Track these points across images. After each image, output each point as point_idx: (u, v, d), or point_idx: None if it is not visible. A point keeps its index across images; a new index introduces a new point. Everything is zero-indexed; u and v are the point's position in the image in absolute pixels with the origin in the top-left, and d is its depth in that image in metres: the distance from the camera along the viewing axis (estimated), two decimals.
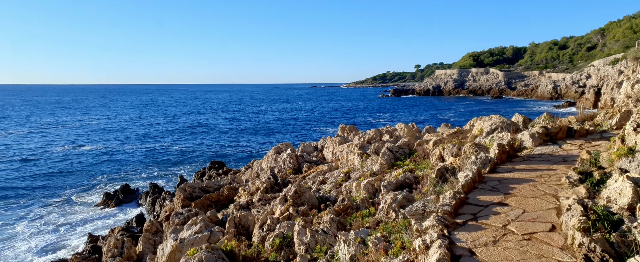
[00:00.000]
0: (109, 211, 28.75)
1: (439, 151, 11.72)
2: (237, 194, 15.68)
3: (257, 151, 48.58)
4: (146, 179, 37.70)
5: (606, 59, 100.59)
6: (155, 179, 38.13)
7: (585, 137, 10.01)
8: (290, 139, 55.76)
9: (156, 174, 39.40)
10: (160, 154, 48.27)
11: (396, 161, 13.43)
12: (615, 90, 56.91)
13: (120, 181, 36.61)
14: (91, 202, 30.71)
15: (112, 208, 29.13)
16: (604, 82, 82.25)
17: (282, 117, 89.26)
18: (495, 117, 13.70)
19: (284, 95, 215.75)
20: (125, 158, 46.15)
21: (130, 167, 42.38)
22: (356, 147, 14.97)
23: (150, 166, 42.55)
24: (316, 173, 15.15)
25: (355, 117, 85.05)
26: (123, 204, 30.35)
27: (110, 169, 41.69)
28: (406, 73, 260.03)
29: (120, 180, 37.11)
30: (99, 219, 27.90)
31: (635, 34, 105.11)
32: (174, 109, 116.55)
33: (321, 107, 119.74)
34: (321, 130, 65.89)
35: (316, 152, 19.83)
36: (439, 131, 15.87)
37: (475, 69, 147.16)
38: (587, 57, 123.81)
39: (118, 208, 29.17)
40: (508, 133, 11.43)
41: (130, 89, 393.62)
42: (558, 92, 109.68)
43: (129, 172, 40.69)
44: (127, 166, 42.71)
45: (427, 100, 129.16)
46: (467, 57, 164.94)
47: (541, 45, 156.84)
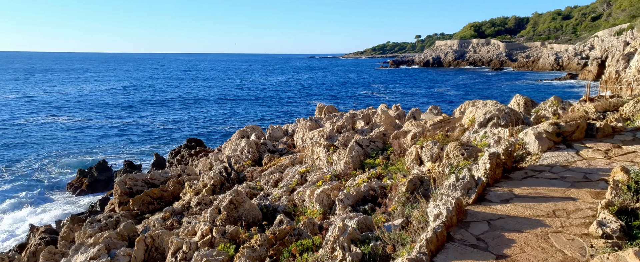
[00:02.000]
0: (80, 191, 26.70)
1: (417, 150, 9.09)
2: (183, 191, 13.16)
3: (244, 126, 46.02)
4: (123, 156, 35.35)
5: (611, 29, 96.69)
6: (132, 156, 35.73)
7: (611, 138, 7.39)
8: (279, 115, 53.04)
9: (136, 151, 36.96)
10: (143, 127, 45.57)
11: (366, 158, 10.82)
12: (620, 62, 53.74)
13: (96, 156, 34.29)
14: (62, 181, 28.59)
15: (83, 188, 27.17)
16: (609, 53, 78.79)
17: (275, 89, 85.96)
18: (491, 103, 11.00)
19: (280, 66, 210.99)
20: (104, 132, 43.53)
21: (109, 142, 39.82)
22: (323, 137, 12.38)
23: (131, 141, 39.95)
24: (275, 167, 12.59)
25: (351, 90, 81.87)
26: (97, 182, 28.42)
27: (87, 143, 39.18)
28: (406, 44, 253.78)
29: (96, 155, 34.82)
30: (64, 202, 25.77)
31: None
32: (163, 79, 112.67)
33: (317, 78, 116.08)
34: (314, 104, 63.12)
35: (286, 137, 17.21)
36: (423, 119, 13.18)
37: (476, 40, 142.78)
38: (591, 28, 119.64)
39: (90, 188, 27.16)
40: (505, 129, 8.76)
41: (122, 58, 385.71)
42: (560, 64, 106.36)
43: (106, 147, 38.19)
44: (106, 140, 40.14)
45: (426, 72, 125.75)
46: (468, 28, 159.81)
47: (544, 16, 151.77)
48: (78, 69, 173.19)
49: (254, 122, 47.61)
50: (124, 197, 13.32)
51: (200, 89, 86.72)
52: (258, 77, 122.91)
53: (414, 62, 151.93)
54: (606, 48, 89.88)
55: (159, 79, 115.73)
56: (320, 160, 12.20)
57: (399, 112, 17.10)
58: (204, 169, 14.87)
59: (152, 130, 44.75)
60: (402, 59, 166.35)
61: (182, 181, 14.10)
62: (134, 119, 51.00)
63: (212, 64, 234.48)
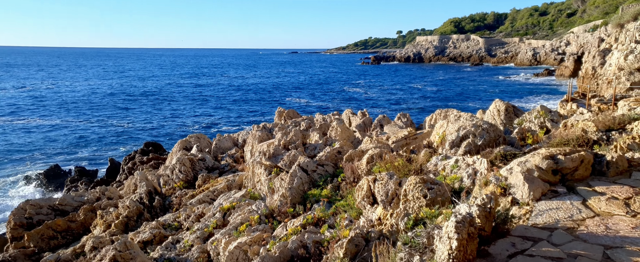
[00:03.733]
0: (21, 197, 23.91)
1: (369, 184, 6.84)
2: (94, 223, 10.62)
3: (217, 125, 43.13)
4: (80, 160, 32.29)
5: (586, 25, 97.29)
6: (90, 160, 32.68)
7: (628, 178, 5.32)
8: (254, 114, 50.34)
9: (94, 154, 33.82)
10: (107, 127, 42.19)
11: (312, 186, 8.54)
12: (596, 58, 53.09)
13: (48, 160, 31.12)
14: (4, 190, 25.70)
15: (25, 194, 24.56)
16: (584, 49, 78.72)
17: (253, 85, 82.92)
18: (466, 116, 8.85)
19: (261, 61, 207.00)
20: (62, 132, 40.02)
21: (66, 144, 36.49)
22: (265, 155, 10.06)
23: (91, 142, 36.70)
24: (205, 194, 10.20)
25: (331, 86, 79.64)
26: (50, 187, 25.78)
27: (39, 146, 35.78)
28: (388, 39, 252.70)
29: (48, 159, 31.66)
30: None
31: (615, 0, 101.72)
32: (135, 75, 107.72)
33: (298, 74, 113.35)
34: (294, 101, 60.54)
35: (235, 148, 14.78)
36: (386, 132, 10.97)
37: (456, 36, 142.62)
38: (567, 24, 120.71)
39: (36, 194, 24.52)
40: (484, 159, 6.59)
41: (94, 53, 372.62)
42: (537, 60, 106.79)
43: (61, 150, 34.91)
44: (62, 142, 36.77)
45: (407, 67, 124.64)
46: (448, 23, 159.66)
47: (522, 12, 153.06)
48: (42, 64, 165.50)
49: (226, 122, 44.84)
50: (18, 231, 10.71)
51: (174, 86, 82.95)
52: (237, 73, 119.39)
53: (395, 58, 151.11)
54: (582, 44, 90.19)
55: (131, 75, 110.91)
56: (261, 184, 9.87)
57: (364, 119, 14.89)
58: (128, 191, 12.34)
59: (118, 130, 41.47)
60: (384, 54, 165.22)
61: (99, 206, 11.55)
62: (99, 118, 47.54)
63: (190, 60, 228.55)
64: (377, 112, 48.86)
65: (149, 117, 48.57)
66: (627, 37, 46.19)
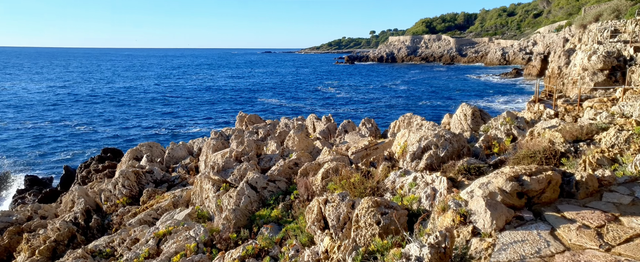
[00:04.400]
0: None
1: (319, 206, 6.07)
2: (18, 248, 9.42)
3: (185, 128, 41.45)
4: (33, 167, 30.15)
5: (551, 26, 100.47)
6: (46, 167, 30.60)
7: (599, 200, 4.75)
8: (222, 116, 48.85)
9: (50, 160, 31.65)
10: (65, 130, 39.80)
11: (262, 206, 7.69)
12: (562, 58, 54.54)
13: None
14: None
15: None
16: (550, 49, 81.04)
17: (225, 85, 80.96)
18: (428, 126, 8.22)
19: (233, 61, 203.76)
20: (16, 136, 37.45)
21: (19, 149, 34.09)
22: (213, 169, 9.14)
23: (48, 147, 34.44)
24: (146, 213, 9.18)
25: (305, 85, 78.77)
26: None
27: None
28: (361, 39, 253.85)
29: None
30: None
31: (578, 1, 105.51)
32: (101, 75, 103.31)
33: (271, 74, 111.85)
34: (266, 101, 59.29)
35: (190, 158, 13.72)
36: (347, 142, 10.24)
37: (428, 36, 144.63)
38: (534, 24, 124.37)
39: None
40: (443, 178, 5.92)
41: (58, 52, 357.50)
42: (506, 59, 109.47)
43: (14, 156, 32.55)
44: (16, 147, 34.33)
45: (381, 67, 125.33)
46: (420, 24, 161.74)
47: (491, 12, 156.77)
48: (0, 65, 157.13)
49: (194, 124, 43.22)
50: None
51: (141, 87, 79.97)
52: (208, 73, 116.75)
53: (369, 58, 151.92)
54: (548, 44, 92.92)
55: (96, 76, 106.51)
56: (209, 201, 8.94)
57: (329, 125, 14.14)
58: (65, 208, 11.12)
59: (78, 134, 39.21)
60: (357, 54, 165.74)
61: (28, 228, 10.30)
62: (57, 120, 44.96)
63: (160, 60, 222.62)
64: (351, 111, 48.34)
65: (112, 120, 46.35)
66: (590, 38, 47.44)
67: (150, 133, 39.70)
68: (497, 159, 7.55)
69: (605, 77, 26.60)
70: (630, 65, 25.20)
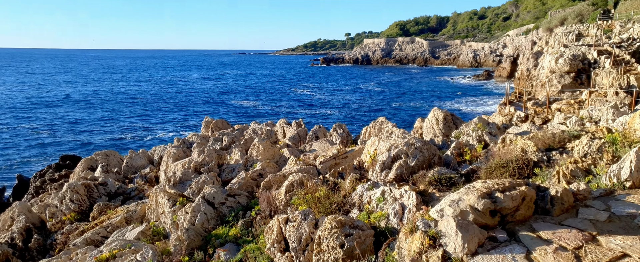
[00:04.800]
0: None
1: (279, 226, 5.54)
2: None
3: (153, 132, 39.95)
4: None
5: (520, 29, 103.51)
6: None
7: (574, 216, 4.45)
8: (194, 120, 47.50)
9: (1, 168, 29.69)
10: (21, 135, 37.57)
11: (220, 223, 7.09)
12: (530, 61, 56.04)
13: None
14: None
15: None
16: (519, 52, 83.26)
17: (195, 88, 79.04)
18: (398, 133, 7.83)
19: (206, 62, 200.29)
20: None
21: None
22: (169, 182, 8.43)
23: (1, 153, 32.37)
24: (94, 232, 8.40)
25: (280, 87, 77.91)
26: None
27: None
28: (337, 41, 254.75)
29: None
30: None
31: (544, 5, 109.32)
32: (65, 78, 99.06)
33: (245, 75, 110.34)
34: (238, 104, 58.15)
35: (150, 167, 12.90)
36: (315, 150, 9.75)
37: (402, 38, 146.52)
38: (503, 27, 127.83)
39: None
40: (412, 193, 5.50)
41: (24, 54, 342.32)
42: (478, 61, 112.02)
43: None
44: None
45: (356, 69, 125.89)
46: (394, 26, 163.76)
47: (462, 15, 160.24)
48: None
49: (162, 129, 41.78)
50: None
51: (108, 89, 77.10)
52: (179, 75, 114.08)
53: (345, 60, 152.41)
54: (517, 47, 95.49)
55: (59, 78, 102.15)
56: (165, 217, 8.25)
57: (299, 130, 13.62)
58: (3, 226, 10.14)
59: (35, 139, 37.09)
60: (333, 56, 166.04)
61: None
62: (17, 125, 42.49)
63: (128, 61, 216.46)
64: (326, 113, 47.94)
65: (76, 124, 44.24)
66: (556, 41, 48.86)
67: (116, 138, 38.07)
68: (468, 168, 7.23)
69: (571, 79, 27.22)
70: (594, 68, 25.86)
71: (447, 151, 9.24)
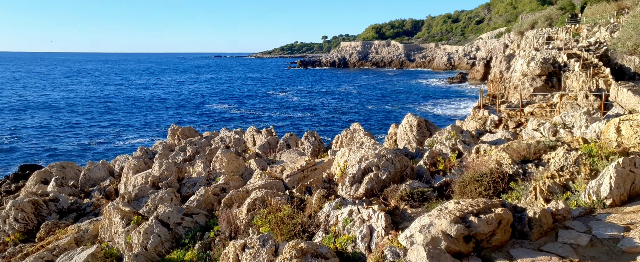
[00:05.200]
0: None
1: (236, 253, 4.99)
2: None
3: (123, 139, 38.39)
4: None
5: (492, 32, 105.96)
6: None
7: (554, 240, 4.09)
8: (159, 129, 46.07)
9: None
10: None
11: (176, 245, 6.46)
12: (502, 63, 57.19)
13: None
14: None
15: None
16: (492, 54, 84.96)
17: (170, 92, 77.01)
18: (369, 144, 7.41)
19: (181, 66, 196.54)
20: None
21: None
22: (123, 199, 7.75)
23: None
24: (44, 251, 7.61)
25: (255, 90, 76.84)
26: None
27: None
28: (314, 44, 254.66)
29: None
30: None
31: (515, 9, 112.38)
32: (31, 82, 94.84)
33: (220, 79, 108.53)
34: (213, 108, 56.87)
35: (110, 179, 12.04)
36: (283, 161, 9.22)
37: (378, 41, 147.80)
38: (477, 30, 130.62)
39: None
40: (381, 214, 5.06)
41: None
42: (452, 64, 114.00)
43: None
44: None
45: (333, 72, 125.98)
46: (370, 29, 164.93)
47: (436, 19, 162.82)
48: None
49: (134, 135, 40.26)
50: None
51: (77, 94, 74.15)
52: (153, 79, 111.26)
53: (322, 63, 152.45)
54: (490, 49, 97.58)
55: (26, 82, 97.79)
56: (119, 237, 7.53)
57: (270, 138, 13.05)
58: None
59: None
60: (310, 59, 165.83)
61: None
62: None
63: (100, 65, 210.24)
64: (303, 117, 47.36)
65: (42, 130, 42.14)
66: (527, 44, 49.94)
67: (83, 144, 36.42)
68: (442, 181, 6.86)
69: (543, 82, 27.65)
70: (565, 71, 26.33)
71: (420, 160, 8.89)
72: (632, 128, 6.30)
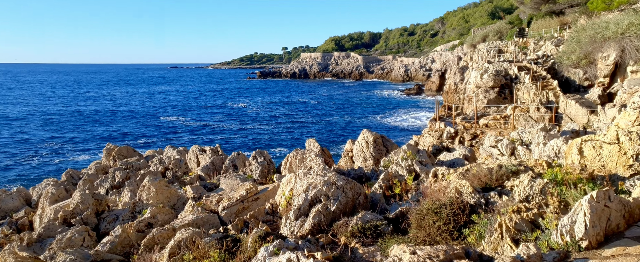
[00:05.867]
0: None
1: None
2: None
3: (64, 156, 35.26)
4: None
5: (446, 45, 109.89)
6: None
7: None
8: (115, 138, 43.12)
9: None
10: None
11: None
12: (457, 75, 58.91)
13: None
14: None
15: None
16: (447, 66, 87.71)
17: (122, 105, 72.80)
18: (318, 170, 6.56)
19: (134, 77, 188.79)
20: None
21: None
22: (21, 242, 6.40)
23: None
24: None
25: (212, 102, 74.37)
26: None
27: None
28: (274, 55, 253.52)
29: None
30: None
31: (467, 23, 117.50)
32: None
33: (176, 90, 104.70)
34: (167, 122, 54.10)
35: (25, 210, 10.40)
36: (222, 189, 8.16)
37: (337, 53, 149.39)
38: (432, 43, 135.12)
39: None
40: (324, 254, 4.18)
41: None
42: (409, 75, 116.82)
43: None
44: None
45: (293, 83, 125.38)
46: (329, 41, 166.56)
47: (393, 32, 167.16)
48: None
49: (80, 151, 37.19)
50: None
51: (18, 107, 68.43)
52: (105, 91, 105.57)
53: (282, 74, 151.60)
54: (444, 62, 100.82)
55: None
56: None
57: (214, 158, 11.91)
58: None
59: None
60: (270, 70, 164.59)
61: None
62: None
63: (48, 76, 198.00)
64: (259, 130, 45.95)
65: None
66: (480, 57, 51.65)
67: (21, 162, 33.13)
68: (398, 212, 6.11)
69: (496, 94, 28.23)
70: (516, 83, 27.00)
71: (375, 182, 8.16)
72: (595, 149, 5.86)
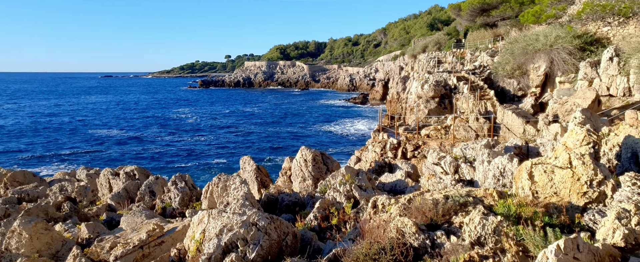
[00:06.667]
0: None
1: None
2: None
3: None
4: None
5: (389, 55, 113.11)
6: None
7: None
8: (28, 161, 38.49)
9: None
10: None
11: None
12: (399, 85, 60.23)
13: None
14: None
15: None
16: (390, 76, 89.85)
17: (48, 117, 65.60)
18: (236, 207, 5.39)
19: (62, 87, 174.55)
20: None
21: None
22: None
23: None
24: None
25: (147, 113, 69.70)
26: None
27: None
28: (217, 63, 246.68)
29: None
30: None
31: (408, 34, 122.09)
32: None
33: (109, 101, 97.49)
34: (98, 133, 49.49)
35: None
36: (123, 230, 6.70)
37: (283, 62, 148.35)
38: (375, 53, 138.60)
39: None
40: None
41: None
42: (354, 85, 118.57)
43: None
44: None
45: (237, 92, 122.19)
46: (274, 50, 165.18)
47: (338, 41, 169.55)
48: None
49: None
50: None
51: None
52: (28, 102, 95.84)
53: (225, 83, 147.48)
54: (387, 71, 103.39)
55: None
56: None
57: (128, 183, 10.24)
58: None
59: None
60: (212, 79, 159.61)
61: None
62: None
63: None
64: (196, 143, 43.27)
65: None
66: (420, 67, 53.01)
67: None
68: (331, 255, 5.07)
69: (436, 104, 28.58)
70: (455, 93, 27.50)
71: (310, 211, 7.12)
72: (547, 174, 5.24)
